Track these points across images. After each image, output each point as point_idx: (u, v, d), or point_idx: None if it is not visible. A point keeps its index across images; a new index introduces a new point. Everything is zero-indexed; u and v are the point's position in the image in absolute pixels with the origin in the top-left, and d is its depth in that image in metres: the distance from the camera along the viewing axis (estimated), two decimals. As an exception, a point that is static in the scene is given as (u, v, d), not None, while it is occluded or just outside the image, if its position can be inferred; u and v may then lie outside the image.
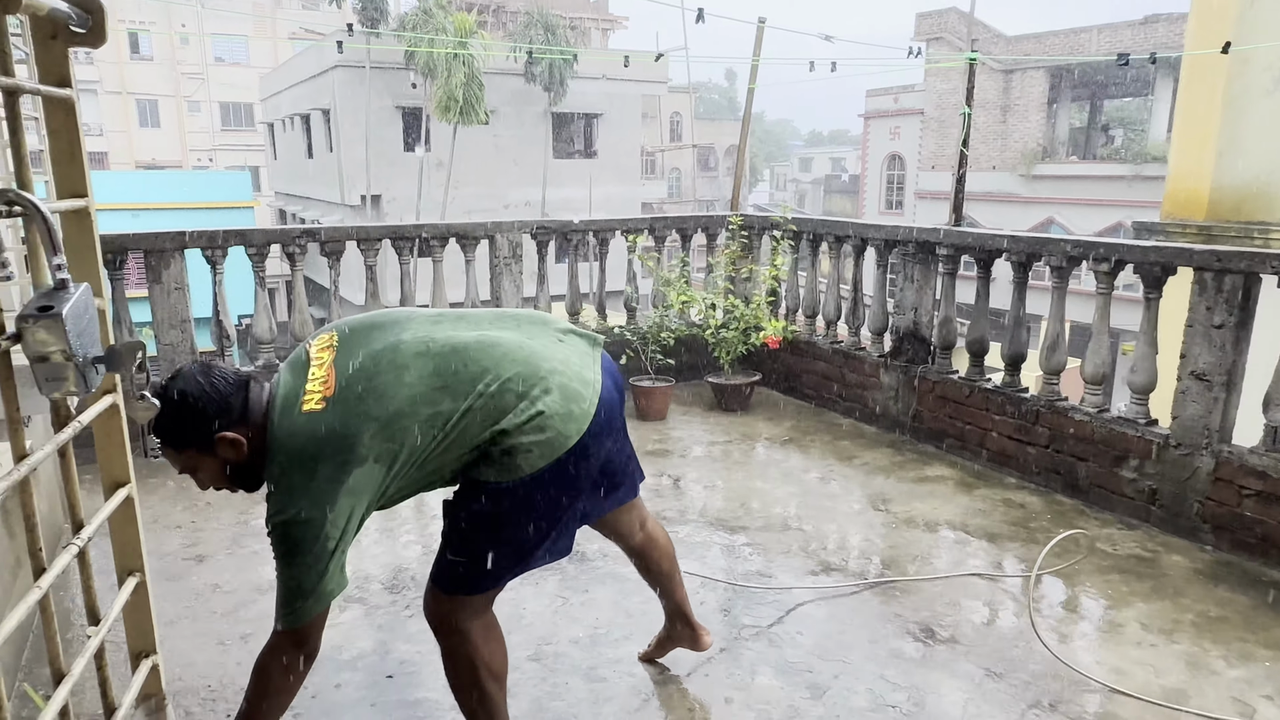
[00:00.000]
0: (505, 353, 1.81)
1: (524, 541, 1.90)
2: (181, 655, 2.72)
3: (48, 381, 0.71)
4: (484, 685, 1.98)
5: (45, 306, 0.69)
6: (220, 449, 1.70)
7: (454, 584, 1.91)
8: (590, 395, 1.86)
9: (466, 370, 1.75)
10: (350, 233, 5.02)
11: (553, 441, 1.79)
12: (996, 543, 3.55)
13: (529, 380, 1.79)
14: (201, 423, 1.66)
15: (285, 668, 1.71)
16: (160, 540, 3.57)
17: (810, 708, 2.46)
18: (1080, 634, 2.89)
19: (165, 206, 19.95)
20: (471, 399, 1.74)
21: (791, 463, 4.55)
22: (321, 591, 1.65)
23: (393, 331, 1.82)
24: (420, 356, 1.75)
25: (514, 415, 1.76)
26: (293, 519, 1.61)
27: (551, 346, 1.91)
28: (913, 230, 4.86)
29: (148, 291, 4.59)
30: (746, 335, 5.44)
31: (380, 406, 1.68)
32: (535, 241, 5.53)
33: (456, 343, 1.80)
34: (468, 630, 1.94)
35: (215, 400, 1.67)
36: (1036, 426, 4.15)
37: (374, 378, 1.71)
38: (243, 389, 1.73)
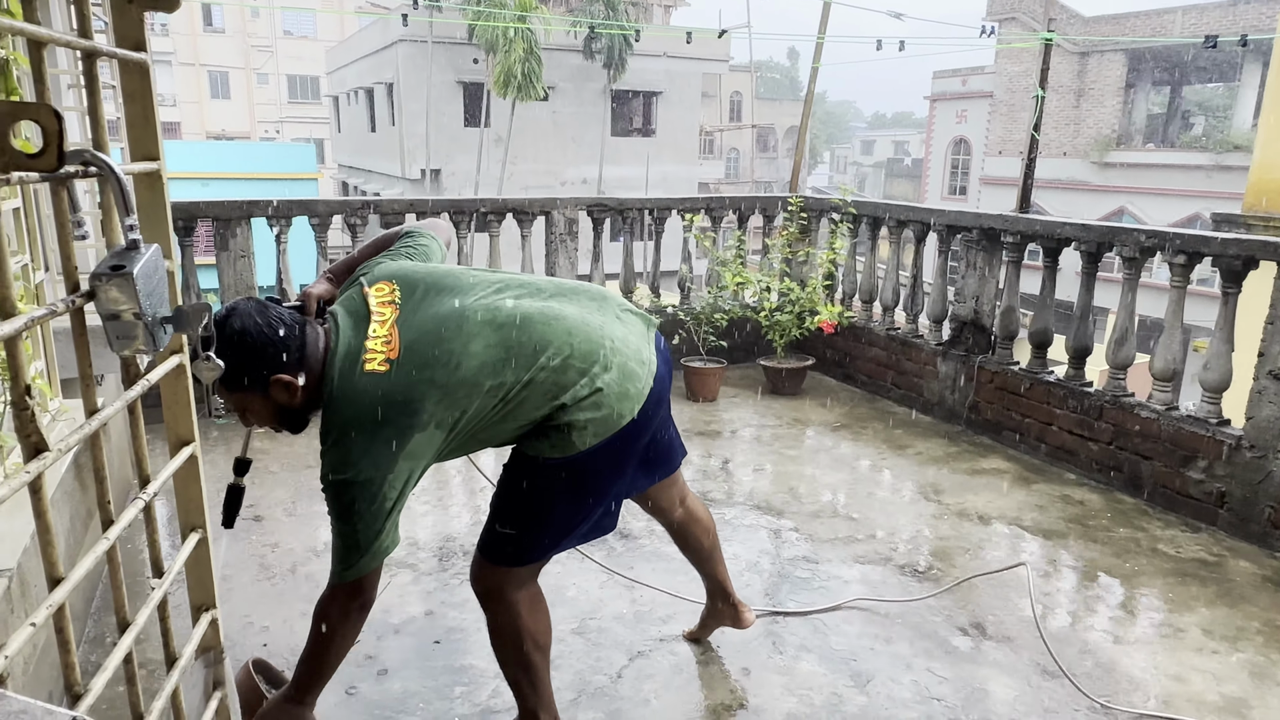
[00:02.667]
0: (569, 328, 1.79)
1: (572, 516, 1.92)
2: (239, 611, 2.82)
3: (118, 339, 0.73)
4: (528, 655, 2.01)
5: (117, 266, 0.71)
6: (274, 391, 1.68)
7: (501, 555, 1.94)
8: (646, 376, 1.87)
9: (530, 342, 1.74)
10: (410, 205, 5.08)
11: (608, 419, 1.79)
12: (1052, 539, 3.46)
13: (590, 357, 1.79)
14: (257, 362, 1.64)
15: (342, 617, 1.76)
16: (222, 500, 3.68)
17: (853, 695, 2.44)
18: (1138, 637, 2.81)
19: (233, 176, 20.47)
20: (534, 371, 1.74)
21: (842, 450, 4.50)
22: (376, 549, 1.69)
23: (458, 295, 1.79)
24: (486, 325, 1.72)
25: (574, 391, 1.76)
26: (351, 479, 1.61)
27: (611, 324, 1.90)
28: (978, 216, 4.73)
29: (215, 258, 4.72)
30: (801, 319, 5.38)
31: (445, 374, 1.66)
32: (591, 219, 5.54)
33: (522, 314, 1.77)
34: (514, 601, 1.96)
35: (272, 341, 1.65)
36: (1099, 422, 4.02)
37: (440, 344, 1.68)
38: (299, 332, 1.70)
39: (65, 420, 1.99)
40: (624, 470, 1.94)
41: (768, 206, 6.10)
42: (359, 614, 1.78)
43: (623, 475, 1.96)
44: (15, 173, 0.59)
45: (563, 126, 23.88)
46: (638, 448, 1.92)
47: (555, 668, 2.45)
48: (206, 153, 24.06)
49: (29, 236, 1.89)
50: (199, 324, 0.79)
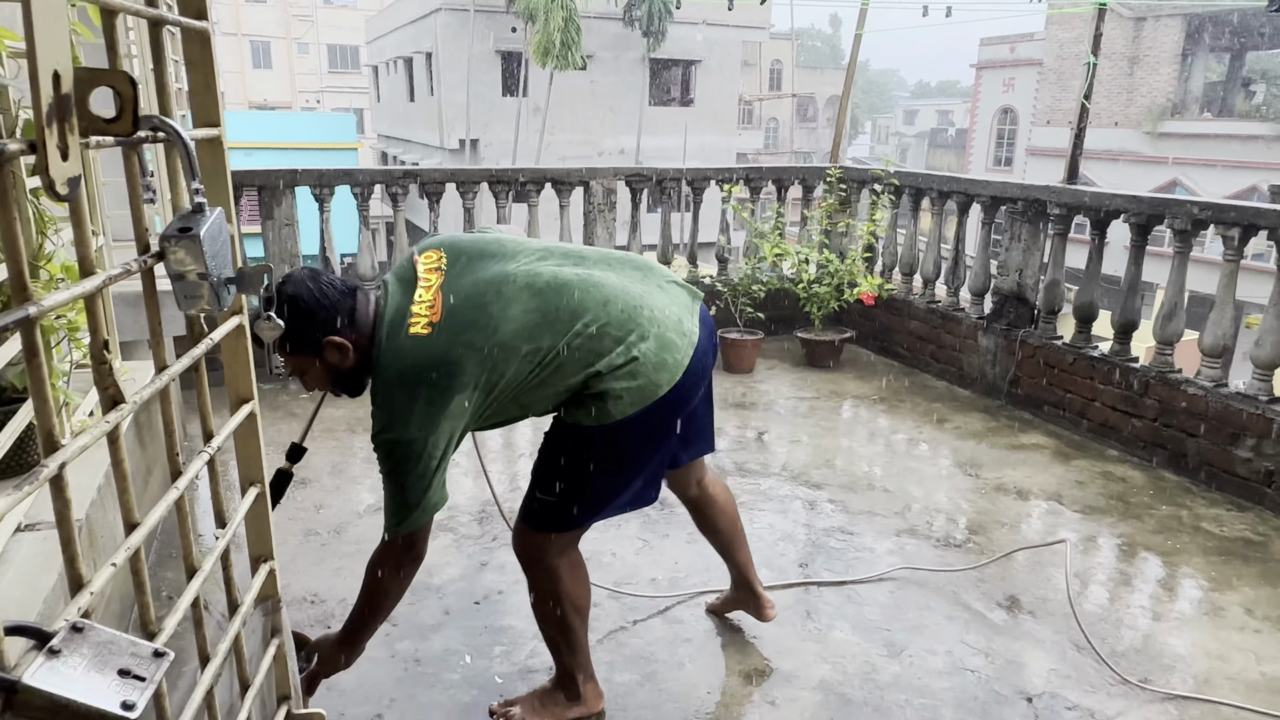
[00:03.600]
0: (607, 296, 1.81)
1: (610, 485, 1.95)
2: (286, 569, 2.91)
3: (186, 299, 0.76)
4: (567, 618, 2.06)
5: (185, 228, 0.74)
6: (327, 353, 1.76)
7: (542, 521, 1.98)
8: (685, 347, 1.86)
9: (568, 309, 1.77)
10: (450, 175, 5.12)
11: (644, 389, 1.80)
12: (1091, 516, 3.43)
13: (627, 326, 1.80)
14: (310, 326, 1.72)
15: (394, 570, 1.84)
16: (271, 462, 3.78)
17: (886, 664, 2.46)
18: (1178, 615, 2.78)
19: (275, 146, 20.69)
20: (570, 338, 1.76)
21: (879, 423, 4.48)
22: (426, 504, 1.75)
23: (501, 262, 1.83)
24: (526, 291, 1.76)
25: (609, 359, 1.78)
26: (397, 439, 1.68)
27: (653, 294, 1.90)
28: (1023, 188, 4.64)
29: (260, 227, 4.81)
30: (840, 291, 5.33)
31: (484, 337, 1.70)
32: (629, 189, 5.53)
33: (562, 280, 1.80)
34: (555, 566, 2.01)
35: (324, 305, 1.73)
36: (1145, 398, 3.95)
37: (480, 308, 1.73)
38: (350, 297, 1.78)
39: (126, 380, 2.07)
40: (662, 442, 1.95)
41: (807, 177, 6.04)
42: (410, 566, 1.85)
43: (661, 447, 1.96)
44: (94, 136, 0.63)
45: (601, 96, 23.72)
46: (676, 420, 1.93)
47: (591, 631, 2.50)
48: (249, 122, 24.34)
49: (89, 204, 1.96)
50: (260, 285, 0.83)
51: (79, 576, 0.61)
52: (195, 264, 0.74)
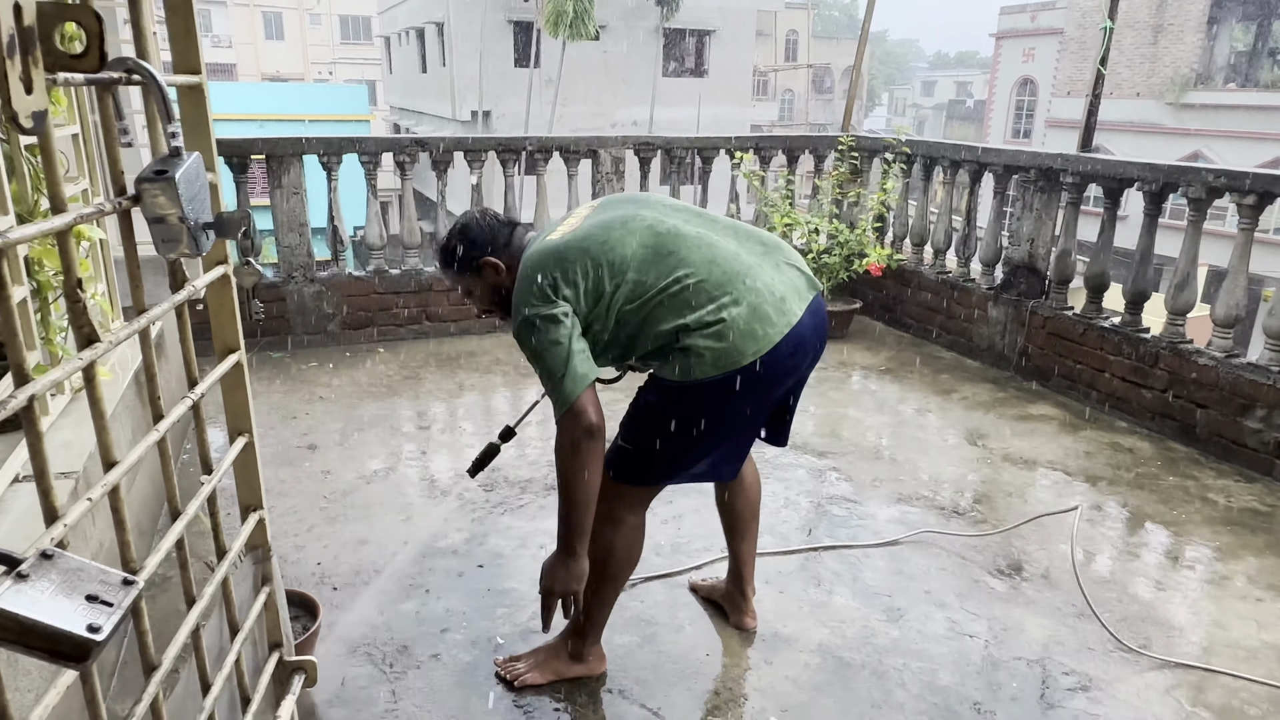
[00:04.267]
0: (714, 256, 1.87)
1: (683, 446, 1.96)
2: (293, 535, 2.95)
3: (164, 243, 0.77)
4: (608, 574, 2.09)
5: (160, 171, 0.74)
6: (485, 272, 2.01)
7: (618, 469, 2.00)
8: (781, 325, 1.84)
9: (675, 257, 1.85)
10: (458, 143, 5.10)
11: (727, 353, 1.80)
12: (1098, 486, 3.42)
13: (724, 287, 1.83)
14: (470, 248, 2.01)
15: (573, 448, 1.81)
16: (279, 429, 3.84)
17: (885, 629, 2.47)
18: (1181, 584, 2.78)
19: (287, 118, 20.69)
20: (668, 283, 1.83)
21: (887, 393, 4.47)
22: (572, 371, 1.78)
23: (638, 206, 1.98)
24: (648, 232, 1.89)
25: (699, 314, 1.81)
26: (525, 317, 1.82)
27: (763, 268, 1.91)
28: (1035, 156, 4.58)
29: (269, 196, 4.82)
30: (849, 261, 5.30)
31: (600, 251, 1.86)
32: (638, 158, 5.49)
33: (679, 232, 1.90)
34: (619, 520, 2.04)
35: (484, 230, 2.03)
36: (1155, 369, 3.92)
37: (606, 230, 1.90)
38: (510, 227, 2.07)
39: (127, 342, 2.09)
40: (741, 415, 1.94)
41: (818, 146, 5.98)
42: (588, 440, 1.80)
43: (739, 421, 1.95)
44: (61, 73, 0.63)
45: (613, 67, 23.51)
46: (759, 397, 1.91)
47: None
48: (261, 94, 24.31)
49: (88, 163, 1.97)
50: (239, 230, 0.83)
51: (53, 508, 0.62)
52: (172, 207, 0.74)
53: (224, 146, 4.53)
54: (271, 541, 1.08)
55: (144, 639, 0.76)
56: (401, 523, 3.05)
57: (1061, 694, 2.22)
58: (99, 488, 0.67)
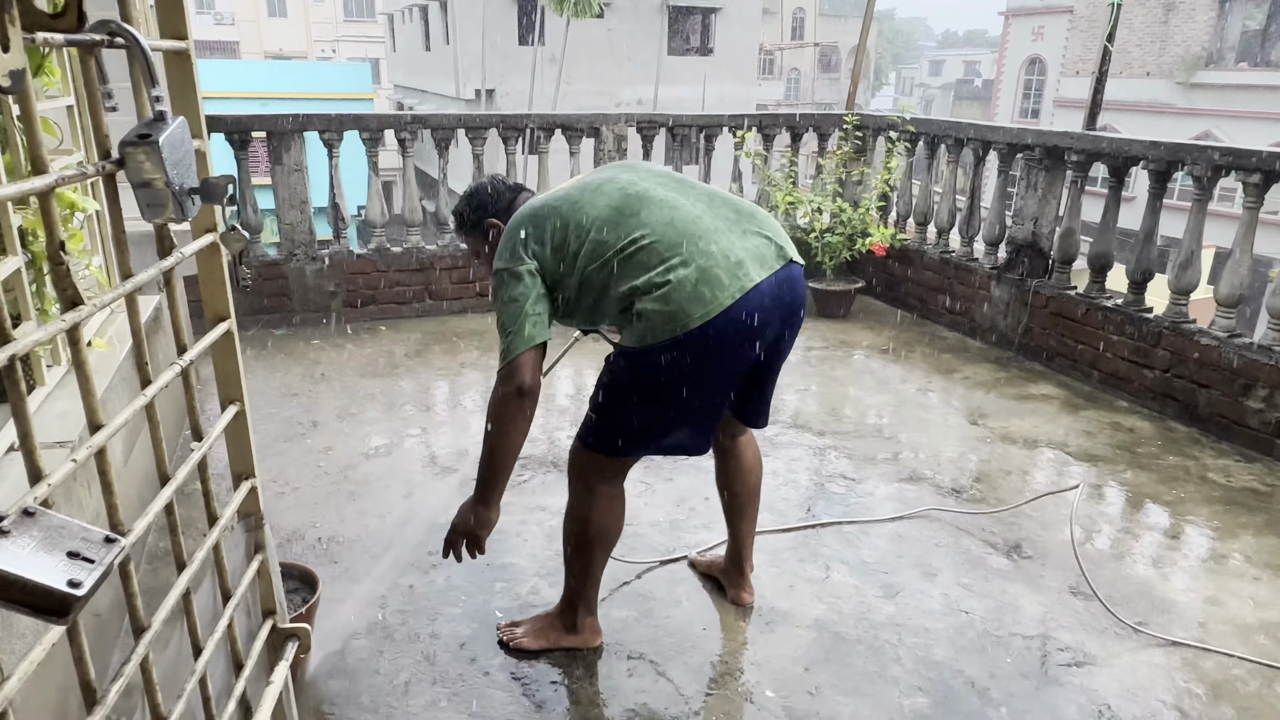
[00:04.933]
0: (673, 218, 1.86)
1: (645, 417, 1.95)
2: (294, 510, 2.97)
3: (149, 207, 0.76)
4: (589, 545, 2.11)
5: (144, 135, 0.74)
6: (490, 234, 2.12)
7: (587, 438, 2.03)
8: (732, 289, 1.80)
9: (636, 218, 1.87)
10: (459, 120, 5.07)
11: (674, 316, 1.78)
12: (1098, 465, 3.42)
13: (675, 248, 1.81)
14: (475, 210, 2.14)
15: (503, 403, 1.87)
16: (281, 406, 3.85)
17: (881, 605, 2.49)
18: (1179, 562, 2.78)
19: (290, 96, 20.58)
20: (625, 244, 1.84)
21: (889, 372, 4.46)
22: (520, 331, 1.84)
23: (622, 170, 2.03)
24: (618, 193, 1.92)
25: (650, 276, 1.81)
26: (498, 268, 1.91)
27: (726, 232, 1.87)
28: (1041, 134, 4.54)
29: (270, 173, 4.81)
30: (852, 241, 5.28)
31: (569, 210, 1.92)
32: (641, 136, 5.46)
33: (646, 194, 1.92)
34: (594, 490, 2.06)
35: (489, 194, 2.15)
36: (1157, 349, 3.91)
37: (581, 192, 1.95)
38: (514, 191, 2.17)
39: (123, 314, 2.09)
40: (698, 384, 1.89)
41: (822, 124, 5.93)
42: (518, 400, 1.85)
43: (698, 390, 1.90)
44: (40, 33, 0.62)
45: (618, 45, 23.31)
46: (715, 364, 1.86)
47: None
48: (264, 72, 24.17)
49: (82, 136, 1.96)
50: (224, 195, 0.83)
51: (37, 467, 0.62)
52: (156, 172, 0.74)
53: (225, 123, 4.52)
54: (265, 510, 1.09)
55: (133, 601, 0.77)
56: (402, 498, 3.06)
57: (1057, 670, 2.23)
58: (84, 449, 0.67)
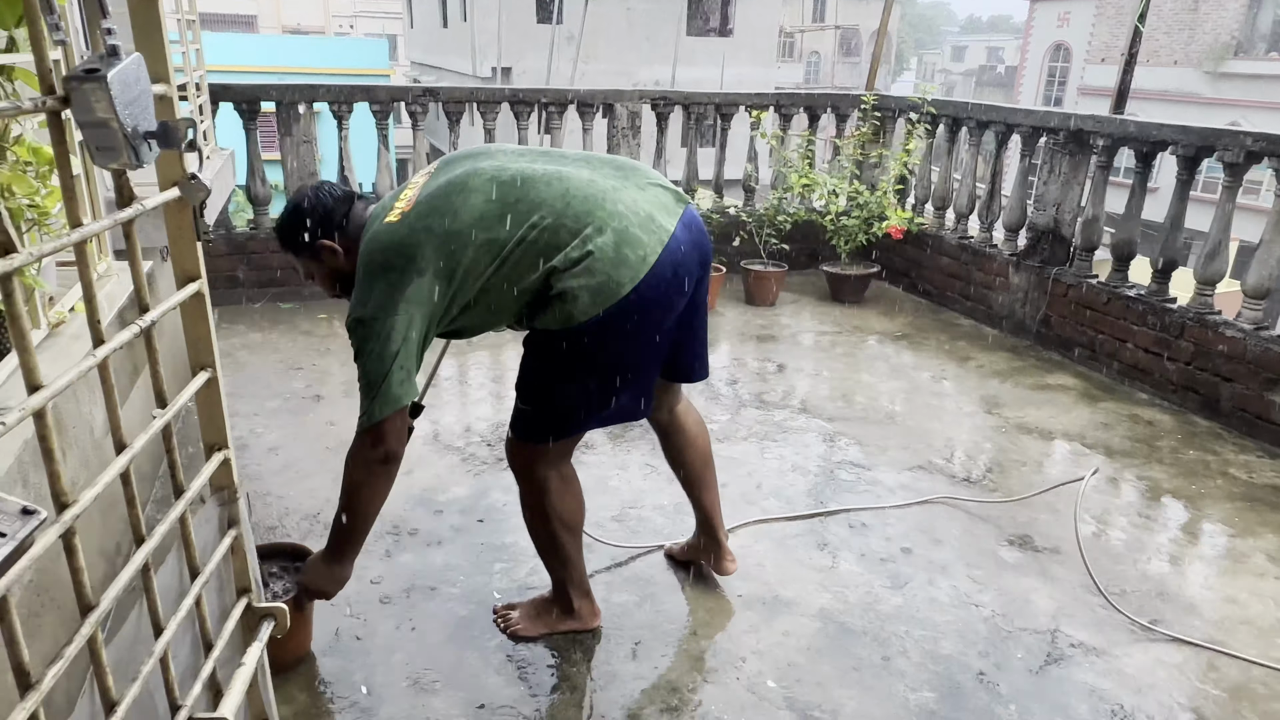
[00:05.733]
0: (568, 189, 1.75)
1: (583, 393, 1.87)
2: (294, 483, 2.93)
3: (99, 151, 0.70)
4: (555, 532, 2.03)
5: (92, 69, 0.68)
6: (324, 255, 1.86)
7: (525, 431, 1.94)
8: (653, 244, 1.75)
9: (526, 201, 1.73)
10: (471, 94, 4.99)
11: (604, 287, 1.70)
12: (1114, 458, 3.33)
13: (584, 219, 1.72)
14: (304, 229, 1.84)
15: (365, 468, 1.77)
16: (286, 380, 3.82)
17: (888, 596, 2.42)
18: (1196, 560, 2.70)
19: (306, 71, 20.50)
20: (525, 230, 1.72)
21: (902, 359, 4.38)
22: (386, 391, 1.68)
23: (477, 160, 1.84)
24: (491, 184, 1.75)
25: (565, 253, 1.70)
26: (359, 318, 1.70)
27: (625, 190, 1.80)
28: (1066, 117, 4.42)
29: (279, 145, 4.75)
30: (868, 225, 5.17)
31: (441, 224, 1.71)
32: (655, 113, 5.36)
33: (525, 174, 1.77)
34: (543, 478, 1.98)
35: (320, 210, 1.85)
36: (1180, 340, 3.80)
37: (445, 198, 1.75)
38: (347, 203, 1.88)
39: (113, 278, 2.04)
40: (635, 349, 1.84)
41: (840, 105, 5.81)
42: (381, 467, 1.76)
43: (635, 355, 1.86)
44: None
45: (636, 24, 23.08)
46: (651, 325, 1.81)
47: (592, 550, 2.49)
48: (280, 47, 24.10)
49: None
50: (182, 140, 0.77)
51: (-43, 430, 0.57)
52: (105, 111, 0.68)
53: (233, 93, 4.46)
54: (238, 483, 1.03)
55: (77, 576, 0.71)
56: (403, 475, 2.98)
57: (1068, 667, 2.17)
58: (15, 411, 0.61)
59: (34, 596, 1.49)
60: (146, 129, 0.73)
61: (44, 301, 1.56)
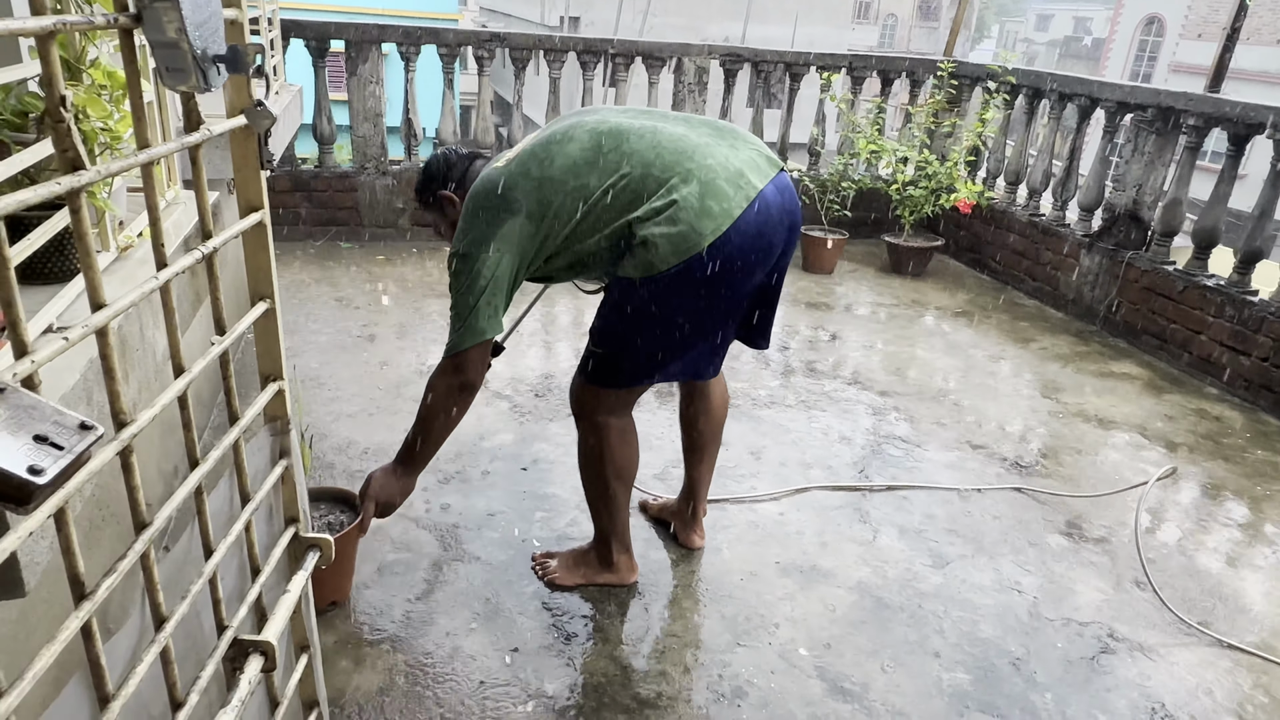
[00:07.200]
0: (659, 142, 1.76)
1: (655, 345, 1.87)
2: (343, 420, 2.99)
3: (168, 72, 0.70)
4: (608, 481, 2.05)
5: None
6: (445, 207, 2.00)
7: (592, 373, 1.95)
8: (739, 199, 1.73)
9: (617, 151, 1.76)
10: (538, 41, 4.94)
11: (685, 237, 1.69)
12: (1176, 452, 3.22)
13: (671, 168, 1.72)
14: (429, 183, 2.02)
15: (445, 393, 1.85)
16: (342, 317, 3.88)
17: (929, 574, 2.39)
18: (1256, 563, 2.61)
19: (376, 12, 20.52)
20: (614, 179, 1.74)
21: (960, 336, 4.27)
22: (472, 324, 1.76)
23: (583, 116, 1.90)
24: (588, 134, 1.80)
25: (650, 203, 1.71)
26: (455, 251, 1.79)
27: (716, 146, 1.79)
28: (1155, 93, 4.20)
29: (345, 85, 4.77)
30: (935, 196, 5.02)
31: (539, 169, 1.78)
32: (724, 70, 5.25)
33: (623, 128, 1.80)
34: (603, 425, 1.99)
35: (443, 165, 2.01)
36: (1258, 335, 3.63)
37: (545, 147, 1.81)
38: (468, 160, 2.03)
39: (181, 207, 2.08)
40: (712, 304, 1.82)
41: (915, 70, 5.62)
42: (459, 394, 1.85)
43: (714, 312, 1.85)
44: None
45: (709, -22, 22.55)
46: (730, 283, 1.79)
47: (633, 509, 2.51)
48: (352, -13, 24.09)
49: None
50: (251, 65, 0.76)
51: (21, 342, 0.57)
52: (175, 31, 0.67)
53: (302, 29, 4.48)
54: (291, 415, 1.04)
55: (133, 494, 0.72)
56: (451, 420, 3.05)
57: (1109, 660, 2.12)
58: (79, 328, 0.62)
59: (95, 510, 1.54)
60: (216, 52, 0.72)
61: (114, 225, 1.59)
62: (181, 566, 0.87)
